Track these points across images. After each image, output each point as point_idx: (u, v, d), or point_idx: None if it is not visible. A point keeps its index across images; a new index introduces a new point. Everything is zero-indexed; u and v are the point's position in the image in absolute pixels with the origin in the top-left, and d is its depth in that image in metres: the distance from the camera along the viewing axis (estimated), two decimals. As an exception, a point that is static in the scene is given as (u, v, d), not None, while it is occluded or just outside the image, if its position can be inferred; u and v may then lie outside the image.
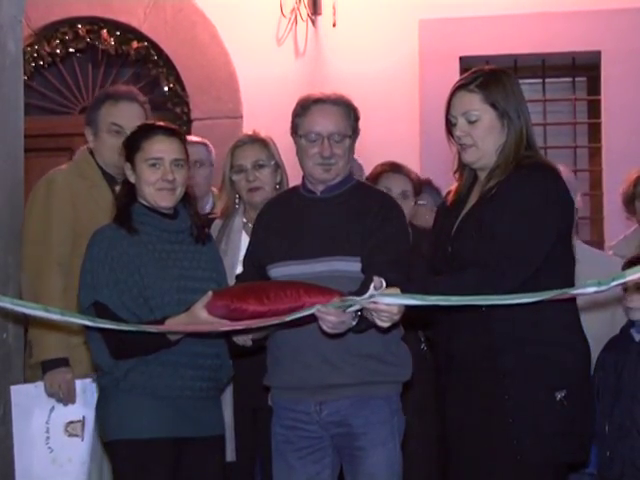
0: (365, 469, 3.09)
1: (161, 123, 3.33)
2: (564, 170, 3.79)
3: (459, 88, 2.98)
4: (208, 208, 4.35)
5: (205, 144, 4.71)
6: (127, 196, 3.25)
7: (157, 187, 3.19)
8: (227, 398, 3.49)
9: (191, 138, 4.58)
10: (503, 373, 2.85)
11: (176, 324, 3.05)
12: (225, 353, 3.23)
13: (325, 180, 3.17)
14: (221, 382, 3.27)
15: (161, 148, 3.20)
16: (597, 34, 6.00)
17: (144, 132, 3.27)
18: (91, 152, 3.78)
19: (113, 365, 3.14)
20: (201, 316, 3.01)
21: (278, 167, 3.75)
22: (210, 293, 3.02)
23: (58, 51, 6.60)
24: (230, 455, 3.46)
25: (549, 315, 2.85)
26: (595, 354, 3.32)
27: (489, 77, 2.97)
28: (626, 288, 3.42)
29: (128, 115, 3.72)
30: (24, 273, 3.68)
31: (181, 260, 3.23)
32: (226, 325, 3.00)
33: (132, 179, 3.24)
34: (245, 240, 3.59)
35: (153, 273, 3.15)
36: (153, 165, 3.19)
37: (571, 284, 2.91)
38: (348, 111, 3.21)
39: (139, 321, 3.08)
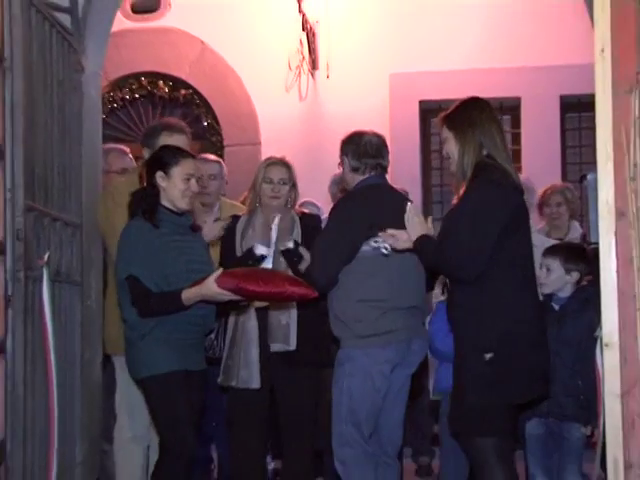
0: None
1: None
2: (524, 180, 4.06)
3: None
4: (216, 212, 4.51)
5: (219, 162, 4.84)
6: (153, 198, 3.50)
7: (185, 195, 3.51)
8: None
9: (208, 156, 4.84)
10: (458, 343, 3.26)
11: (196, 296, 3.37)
12: (211, 312, 3.60)
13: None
14: (207, 328, 3.66)
15: (193, 166, 3.57)
16: (518, 84, 6.84)
17: (180, 151, 3.59)
18: None
19: (138, 322, 3.41)
20: (212, 287, 3.33)
21: (294, 186, 4.12)
22: (221, 269, 3.39)
23: (127, 96, 7.28)
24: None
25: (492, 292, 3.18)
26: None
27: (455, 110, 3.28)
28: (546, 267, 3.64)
29: (180, 145, 3.80)
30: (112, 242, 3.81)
31: (187, 247, 3.52)
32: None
33: (163, 184, 3.49)
34: (262, 229, 4.06)
35: (170, 257, 3.44)
36: (187, 179, 3.50)
37: (530, 264, 3.26)
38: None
39: (160, 290, 3.40)
